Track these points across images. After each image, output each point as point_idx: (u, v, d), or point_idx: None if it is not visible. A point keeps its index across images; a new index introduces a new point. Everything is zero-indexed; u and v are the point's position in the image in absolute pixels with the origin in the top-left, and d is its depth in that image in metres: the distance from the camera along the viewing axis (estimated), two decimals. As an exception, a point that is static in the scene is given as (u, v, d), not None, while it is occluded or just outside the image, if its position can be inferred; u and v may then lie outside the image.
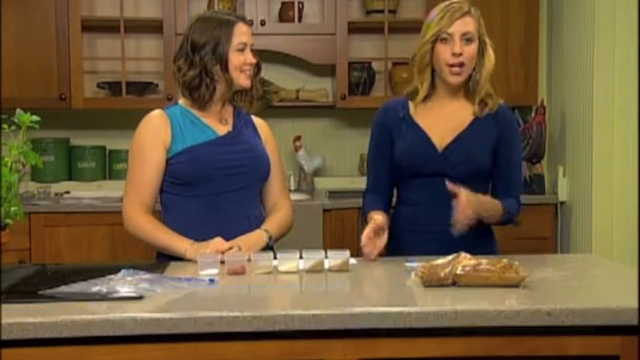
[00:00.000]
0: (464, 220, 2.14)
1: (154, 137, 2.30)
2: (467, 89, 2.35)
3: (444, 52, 2.27)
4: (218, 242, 2.20)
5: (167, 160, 2.31)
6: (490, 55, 2.31)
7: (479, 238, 2.32)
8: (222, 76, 2.31)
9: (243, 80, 2.34)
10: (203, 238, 2.23)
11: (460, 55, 2.26)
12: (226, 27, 2.30)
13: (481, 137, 2.31)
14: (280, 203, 2.45)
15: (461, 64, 2.27)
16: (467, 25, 2.27)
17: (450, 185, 2.17)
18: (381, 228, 2.22)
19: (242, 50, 2.31)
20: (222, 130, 2.37)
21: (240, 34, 2.31)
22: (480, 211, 2.21)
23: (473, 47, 2.28)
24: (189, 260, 2.18)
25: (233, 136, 2.37)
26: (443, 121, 2.33)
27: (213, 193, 2.31)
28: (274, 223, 2.38)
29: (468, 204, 2.14)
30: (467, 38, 2.27)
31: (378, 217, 2.24)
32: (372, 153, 2.44)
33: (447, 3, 2.32)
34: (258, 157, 2.39)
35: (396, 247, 2.34)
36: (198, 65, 2.30)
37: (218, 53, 2.29)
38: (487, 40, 2.31)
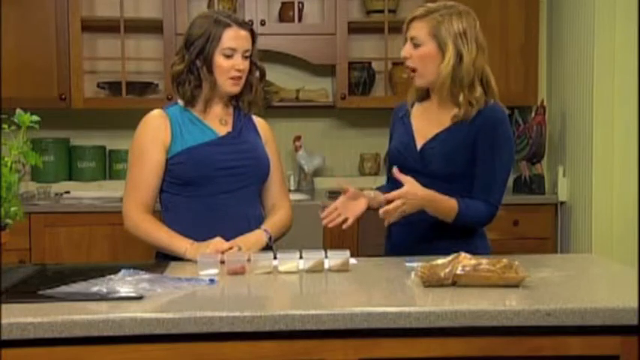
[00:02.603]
0: (393, 212, 2.13)
1: (153, 137, 2.30)
2: None
3: None
4: (218, 242, 2.20)
5: (167, 160, 2.30)
6: (446, 60, 2.25)
7: (462, 239, 2.31)
8: (208, 78, 2.30)
9: (229, 87, 2.31)
10: (203, 238, 2.23)
11: (406, 58, 2.32)
12: (217, 28, 2.27)
13: (458, 137, 2.29)
14: (280, 204, 2.45)
15: (407, 67, 2.32)
16: (413, 29, 2.30)
17: (395, 172, 2.18)
18: (357, 194, 2.26)
19: (230, 56, 2.28)
20: (222, 130, 2.36)
21: (229, 38, 2.27)
22: (425, 205, 2.18)
23: (419, 51, 2.28)
24: (189, 260, 2.18)
25: (233, 136, 2.37)
26: (430, 121, 2.35)
27: (213, 193, 2.30)
28: (274, 223, 2.38)
29: (409, 196, 2.13)
30: (414, 43, 2.30)
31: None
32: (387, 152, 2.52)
33: (422, 4, 2.39)
34: (257, 158, 2.39)
35: (390, 243, 2.42)
36: (186, 61, 2.30)
37: (204, 53, 2.27)
38: (450, 43, 2.25)
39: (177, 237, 2.26)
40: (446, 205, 2.22)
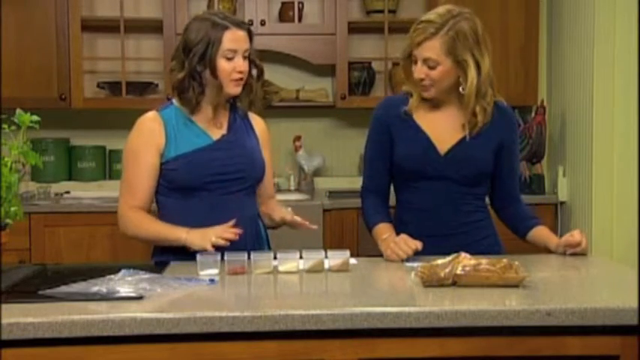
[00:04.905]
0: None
1: (147, 141, 2.28)
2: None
3: (413, 71, 2.27)
4: (219, 229, 2.17)
5: (161, 164, 2.29)
6: (471, 74, 2.20)
7: (483, 240, 2.34)
8: (212, 82, 2.27)
9: (231, 89, 2.28)
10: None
11: (422, 79, 2.24)
12: (216, 31, 2.23)
13: (483, 140, 2.30)
14: (268, 204, 2.46)
15: (424, 86, 2.26)
16: (427, 50, 2.20)
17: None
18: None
19: (231, 58, 2.25)
20: (217, 134, 2.34)
21: (230, 40, 2.24)
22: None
23: (436, 72, 2.21)
24: (189, 260, 2.16)
25: (227, 140, 2.34)
26: (443, 123, 2.32)
27: (208, 196, 2.28)
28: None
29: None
30: (428, 65, 2.21)
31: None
32: (370, 149, 2.41)
33: (423, 17, 2.25)
34: (252, 162, 2.36)
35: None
36: (187, 68, 2.26)
37: (206, 57, 2.24)
38: (468, 57, 2.19)
39: (173, 227, 2.24)
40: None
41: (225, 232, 2.16)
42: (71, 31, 3.96)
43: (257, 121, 2.47)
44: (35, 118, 1.93)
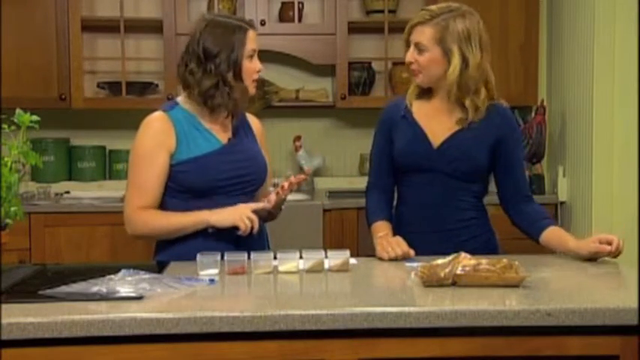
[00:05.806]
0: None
1: (157, 142, 2.26)
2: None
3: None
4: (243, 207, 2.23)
5: (170, 166, 2.28)
6: (454, 65, 2.25)
7: (479, 237, 2.34)
8: (236, 85, 2.28)
9: (252, 88, 2.34)
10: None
11: (411, 63, 2.32)
12: (239, 33, 2.27)
13: (478, 135, 2.31)
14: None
15: (413, 70, 2.33)
16: (418, 34, 2.29)
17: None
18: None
19: (252, 57, 2.30)
20: (224, 137, 2.34)
21: (251, 40, 2.30)
22: None
23: (424, 57, 2.28)
24: (188, 260, 2.15)
25: (234, 143, 2.35)
26: (440, 118, 2.34)
27: (214, 199, 2.28)
28: None
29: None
30: (418, 49, 2.29)
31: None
32: (374, 149, 2.46)
33: (425, 7, 2.37)
34: (258, 165, 2.38)
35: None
36: (214, 74, 2.25)
37: (232, 60, 2.25)
38: (456, 49, 2.25)
39: (192, 212, 2.25)
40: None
41: (252, 210, 2.22)
42: (71, 31, 3.96)
43: (254, 122, 2.48)
44: (35, 118, 1.93)
